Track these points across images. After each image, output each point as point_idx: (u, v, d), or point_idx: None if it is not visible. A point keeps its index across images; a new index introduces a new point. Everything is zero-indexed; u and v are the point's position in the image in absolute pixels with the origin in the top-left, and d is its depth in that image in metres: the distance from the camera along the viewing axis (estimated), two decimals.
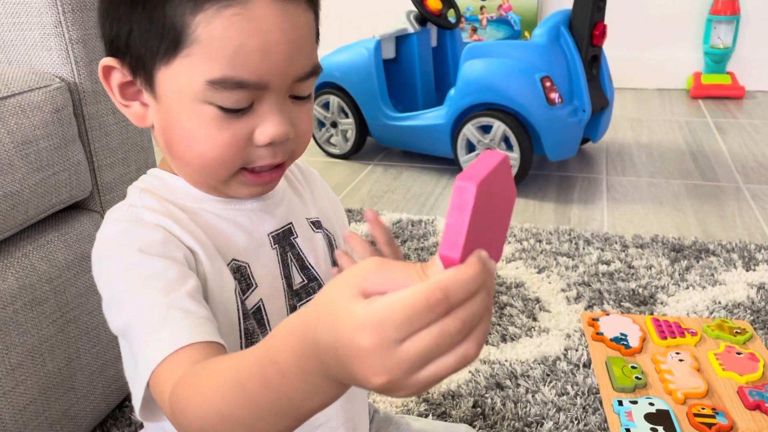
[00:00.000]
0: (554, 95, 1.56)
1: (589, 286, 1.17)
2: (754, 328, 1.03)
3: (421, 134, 1.80)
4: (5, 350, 0.68)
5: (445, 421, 0.86)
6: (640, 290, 1.15)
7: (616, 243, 1.33)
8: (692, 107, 2.39)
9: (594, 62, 1.68)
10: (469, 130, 1.66)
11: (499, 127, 1.60)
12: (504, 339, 1.03)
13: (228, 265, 0.49)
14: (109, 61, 0.48)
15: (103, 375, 0.81)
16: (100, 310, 0.79)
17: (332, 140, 2.00)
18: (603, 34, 1.65)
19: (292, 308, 0.53)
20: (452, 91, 1.70)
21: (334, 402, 0.32)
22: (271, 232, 0.53)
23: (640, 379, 0.90)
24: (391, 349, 0.26)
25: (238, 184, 0.49)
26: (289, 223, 0.55)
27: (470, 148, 1.70)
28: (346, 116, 1.92)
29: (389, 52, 1.92)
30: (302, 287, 0.54)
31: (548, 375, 0.94)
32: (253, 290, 0.51)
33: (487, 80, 1.61)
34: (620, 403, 0.86)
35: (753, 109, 2.33)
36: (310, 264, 0.55)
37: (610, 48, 1.74)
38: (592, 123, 1.73)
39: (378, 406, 0.73)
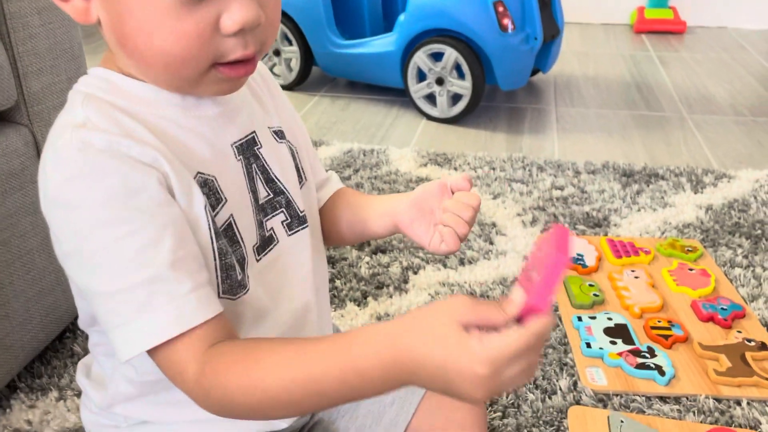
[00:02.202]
0: (507, 21, 1.52)
1: (544, 210, 1.17)
2: (704, 246, 1.05)
3: (370, 62, 1.73)
4: None
5: None
6: (594, 213, 1.16)
7: (568, 169, 1.33)
8: (636, 41, 2.41)
9: None
10: (420, 58, 1.61)
11: (450, 55, 1.56)
12: (462, 262, 1.02)
13: (194, 178, 0.43)
14: None
15: (39, 303, 0.75)
16: (33, 233, 0.72)
17: (275, 70, 1.91)
18: None
19: (259, 224, 0.49)
20: (402, 17, 1.64)
21: None
22: (235, 142, 0.47)
23: (597, 296, 0.91)
24: (498, 376, 0.34)
25: (210, 82, 0.43)
26: (252, 132, 0.49)
27: (421, 76, 1.65)
28: (290, 44, 1.83)
29: None
30: (267, 201, 0.50)
31: (507, 295, 0.93)
32: (223, 205, 0.45)
33: (439, 5, 1.55)
34: (579, 318, 0.87)
35: (694, 43, 2.36)
36: (275, 176, 0.50)
37: None
38: (543, 53, 1.71)
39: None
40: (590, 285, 0.93)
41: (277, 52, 1.87)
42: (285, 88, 1.89)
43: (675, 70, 2.06)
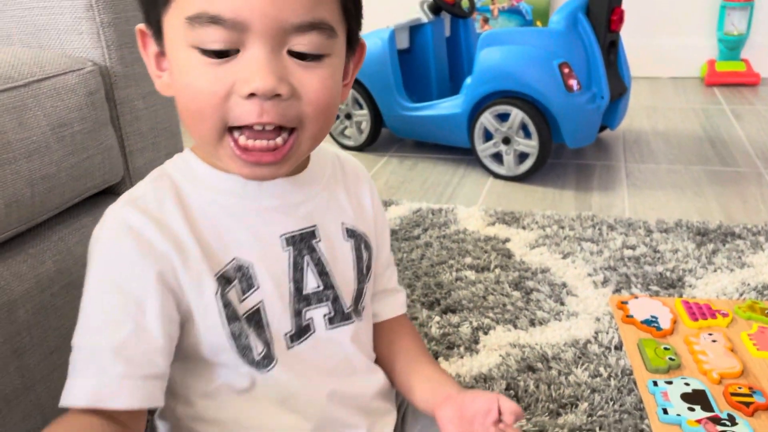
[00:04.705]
0: (573, 82, 1.55)
1: (616, 270, 1.16)
2: None
3: (437, 124, 1.79)
4: (43, 334, 0.68)
5: None
6: (668, 274, 1.14)
7: (639, 228, 1.32)
8: (707, 94, 2.37)
9: (612, 48, 1.67)
10: (487, 119, 1.65)
11: (516, 115, 1.59)
12: (532, 323, 1.02)
13: (229, 263, 0.48)
14: (140, 25, 0.48)
15: None
16: None
17: (347, 132, 1.99)
18: (621, 20, 1.64)
19: (296, 313, 0.51)
20: (468, 80, 1.69)
21: None
22: (285, 234, 0.51)
23: (673, 360, 0.89)
24: None
25: (226, 155, 0.46)
26: (312, 226, 0.52)
27: (487, 136, 1.69)
28: (361, 108, 1.92)
29: (403, 42, 1.91)
30: (315, 293, 0.52)
31: (580, 357, 0.93)
32: (254, 291, 0.49)
33: (504, 68, 1.60)
34: (655, 383, 0.85)
35: None
36: (329, 270, 0.53)
37: (622, 35, 1.73)
38: (610, 110, 1.72)
39: None
40: (666, 348, 0.92)
41: (348, 116, 1.95)
42: (355, 149, 1.96)
43: (749, 123, 2.02)
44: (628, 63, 1.77)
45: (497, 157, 1.69)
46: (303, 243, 0.51)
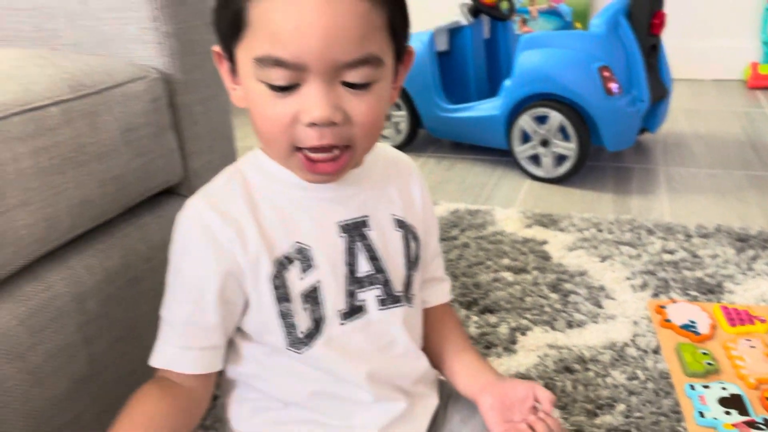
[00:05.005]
0: (613, 85, 1.56)
1: (654, 274, 1.17)
2: None
3: (475, 125, 1.81)
4: (110, 324, 0.72)
5: None
6: (707, 279, 1.15)
7: (679, 232, 1.32)
8: (750, 98, 2.34)
9: (653, 51, 1.67)
10: (525, 121, 1.66)
11: (555, 118, 1.61)
12: (570, 325, 1.04)
13: (291, 246, 0.55)
14: (216, 47, 0.55)
15: None
16: None
17: (385, 132, 2.02)
18: (662, 23, 1.63)
19: (350, 294, 0.57)
20: (507, 82, 1.71)
21: None
22: (340, 221, 0.57)
23: (711, 364, 0.90)
24: None
25: (296, 167, 0.53)
26: (364, 216, 0.58)
27: (525, 138, 1.70)
28: (399, 108, 1.95)
29: (442, 45, 1.94)
30: (367, 276, 0.58)
31: (617, 360, 0.95)
32: (312, 270, 0.56)
33: (544, 70, 1.61)
34: (692, 387, 0.87)
35: None
36: (379, 256, 0.58)
37: (664, 38, 1.72)
38: (650, 113, 1.72)
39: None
40: (704, 353, 0.93)
41: (387, 116, 1.98)
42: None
43: None
44: (669, 65, 1.76)
45: (535, 159, 1.70)
46: (356, 231, 0.58)
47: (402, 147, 1.99)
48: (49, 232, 0.64)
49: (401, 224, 0.61)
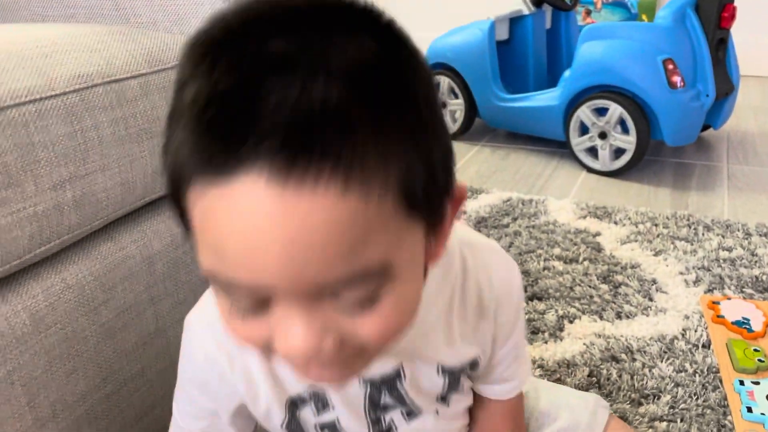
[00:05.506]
0: (676, 78, 1.52)
1: (709, 270, 1.15)
2: None
3: (533, 116, 1.80)
4: (174, 286, 0.77)
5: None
6: (764, 277, 1.12)
7: (738, 230, 1.29)
8: None
9: (721, 45, 1.62)
10: (584, 113, 1.65)
11: (615, 110, 1.58)
12: (619, 316, 1.04)
13: (304, 389, 0.49)
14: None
15: None
16: None
17: None
18: (732, 17, 1.59)
19: (374, 422, 0.51)
20: (567, 73, 1.69)
21: None
22: (365, 376, 0.48)
23: (762, 361, 0.89)
24: None
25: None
26: (397, 366, 0.48)
27: (583, 130, 1.69)
28: (456, 97, 1.96)
29: (503, 34, 1.93)
30: (389, 405, 0.51)
31: (665, 352, 0.94)
32: (327, 410, 0.50)
33: (605, 62, 1.59)
34: (741, 383, 0.86)
35: None
36: (409, 400, 0.50)
37: (733, 32, 1.67)
38: (715, 109, 1.68)
39: None
40: (755, 350, 0.92)
41: (443, 104, 2.00)
42: None
43: None
44: (739, 61, 1.71)
45: (592, 151, 1.68)
46: (383, 384, 0.48)
47: (457, 136, 2.00)
48: (124, 197, 0.69)
49: (448, 371, 0.50)
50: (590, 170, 1.69)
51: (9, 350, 0.58)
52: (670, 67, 1.53)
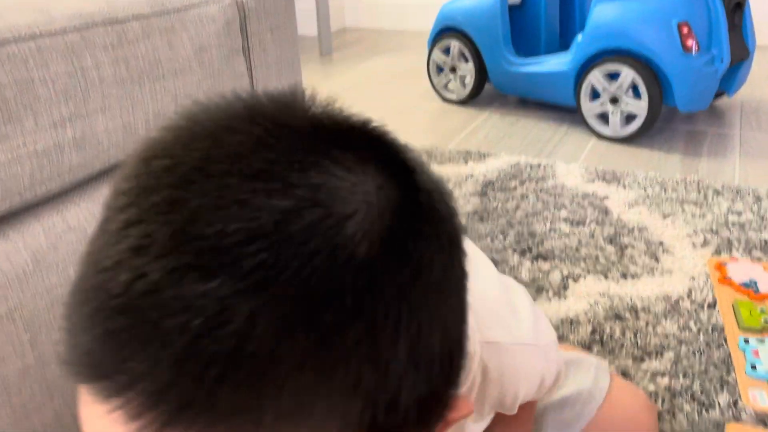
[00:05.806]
0: (691, 42, 1.49)
1: (717, 233, 1.14)
2: None
3: (543, 81, 1.78)
4: None
5: (561, 343, 0.89)
6: None
7: (748, 195, 1.28)
8: None
9: (737, 10, 1.59)
10: (595, 77, 1.62)
11: (627, 75, 1.56)
12: (624, 276, 1.03)
13: None
14: None
15: None
16: None
17: (449, 86, 2.01)
18: None
19: None
20: (579, 36, 1.66)
21: None
22: None
23: None
24: None
25: None
26: None
27: (594, 95, 1.66)
28: (466, 61, 1.93)
29: None
30: None
31: (670, 311, 0.94)
32: None
33: (619, 25, 1.56)
34: (746, 341, 0.85)
35: None
36: None
37: (752, 1, 1.63)
38: (729, 75, 1.64)
39: None
40: (762, 311, 0.91)
41: (453, 69, 1.97)
42: (457, 103, 1.99)
43: None
44: (756, 31, 1.67)
45: (603, 117, 1.66)
46: None
47: (467, 101, 1.97)
48: (126, 139, 0.68)
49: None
50: (600, 136, 1.67)
51: (10, 287, 0.58)
52: (685, 30, 1.49)
